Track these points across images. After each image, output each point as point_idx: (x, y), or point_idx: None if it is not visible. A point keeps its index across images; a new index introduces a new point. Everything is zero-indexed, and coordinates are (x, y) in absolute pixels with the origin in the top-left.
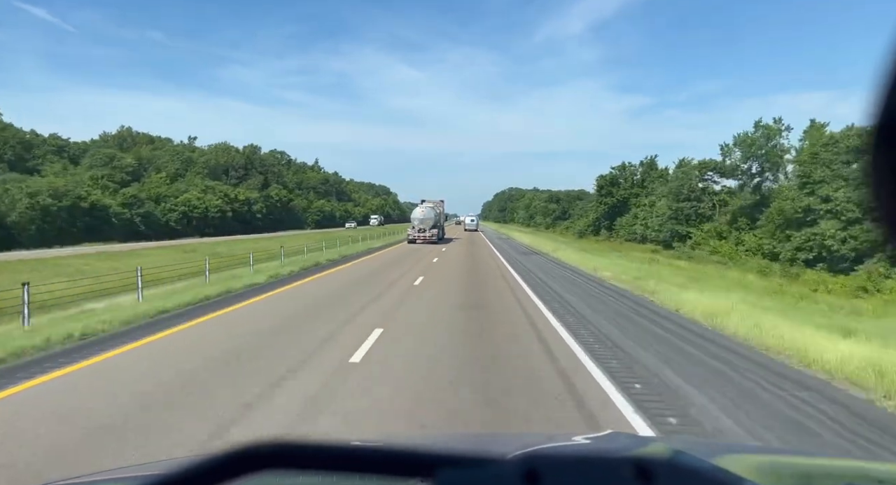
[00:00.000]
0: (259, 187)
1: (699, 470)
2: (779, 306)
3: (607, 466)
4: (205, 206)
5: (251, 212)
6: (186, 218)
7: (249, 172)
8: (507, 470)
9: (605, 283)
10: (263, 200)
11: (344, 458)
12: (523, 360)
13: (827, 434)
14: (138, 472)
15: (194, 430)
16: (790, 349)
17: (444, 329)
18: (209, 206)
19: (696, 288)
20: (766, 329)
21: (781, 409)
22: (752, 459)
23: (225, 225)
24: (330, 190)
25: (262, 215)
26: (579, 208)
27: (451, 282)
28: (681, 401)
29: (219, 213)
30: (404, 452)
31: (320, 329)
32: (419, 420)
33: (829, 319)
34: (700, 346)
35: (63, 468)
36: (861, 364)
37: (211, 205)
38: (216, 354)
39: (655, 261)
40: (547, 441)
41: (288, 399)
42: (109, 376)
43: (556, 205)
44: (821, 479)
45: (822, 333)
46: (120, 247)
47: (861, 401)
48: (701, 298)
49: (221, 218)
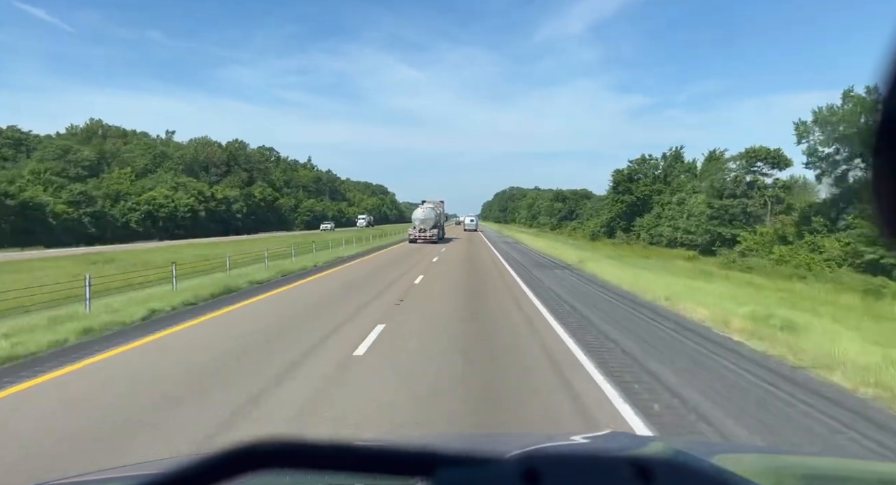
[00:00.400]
0: (241, 185)
1: (699, 470)
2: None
3: (607, 465)
4: (173, 204)
5: (230, 211)
6: (151, 218)
7: (232, 169)
8: (507, 470)
9: (730, 344)
10: (245, 198)
11: (343, 457)
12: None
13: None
14: (138, 471)
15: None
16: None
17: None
18: (179, 204)
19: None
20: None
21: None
22: (752, 459)
23: (198, 226)
24: (323, 189)
25: (243, 215)
26: (588, 208)
27: (429, 354)
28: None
29: (189, 212)
30: (404, 452)
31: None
32: None
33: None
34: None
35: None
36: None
37: (181, 203)
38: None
39: (710, 274)
40: (546, 441)
41: None
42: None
43: (562, 204)
44: (821, 479)
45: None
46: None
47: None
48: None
49: (193, 218)
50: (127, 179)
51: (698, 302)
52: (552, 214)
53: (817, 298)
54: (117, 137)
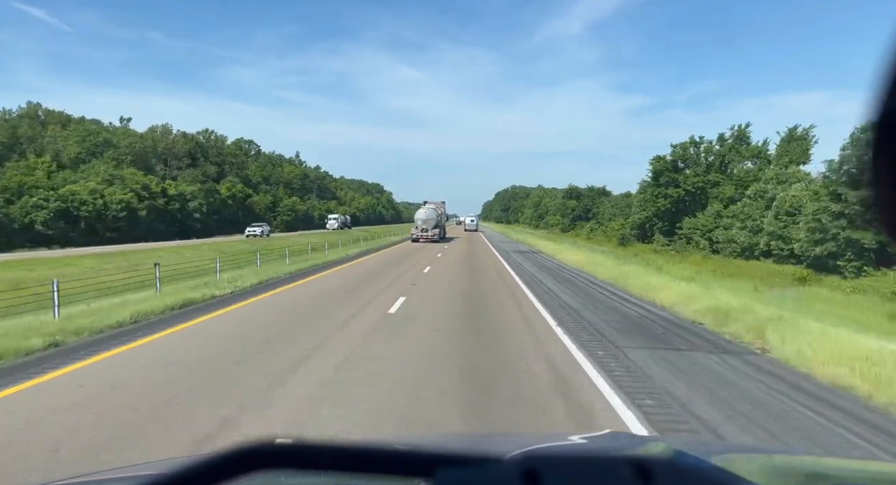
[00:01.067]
0: (205, 179)
1: (699, 470)
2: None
3: (606, 465)
4: (101, 201)
5: (186, 210)
6: (68, 218)
7: (198, 162)
8: (507, 470)
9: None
10: (206, 195)
11: (343, 458)
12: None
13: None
14: (138, 472)
15: None
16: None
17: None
18: (110, 201)
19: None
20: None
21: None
22: (752, 459)
23: (139, 227)
24: (310, 186)
25: (203, 214)
26: (608, 206)
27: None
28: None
29: (125, 211)
30: (404, 452)
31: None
32: None
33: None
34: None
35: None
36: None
37: (112, 200)
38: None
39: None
40: (546, 441)
41: None
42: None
43: (576, 201)
44: (820, 479)
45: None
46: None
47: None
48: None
49: (131, 218)
50: (43, 170)
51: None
52: (564, 214)
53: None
54: (57, 122)
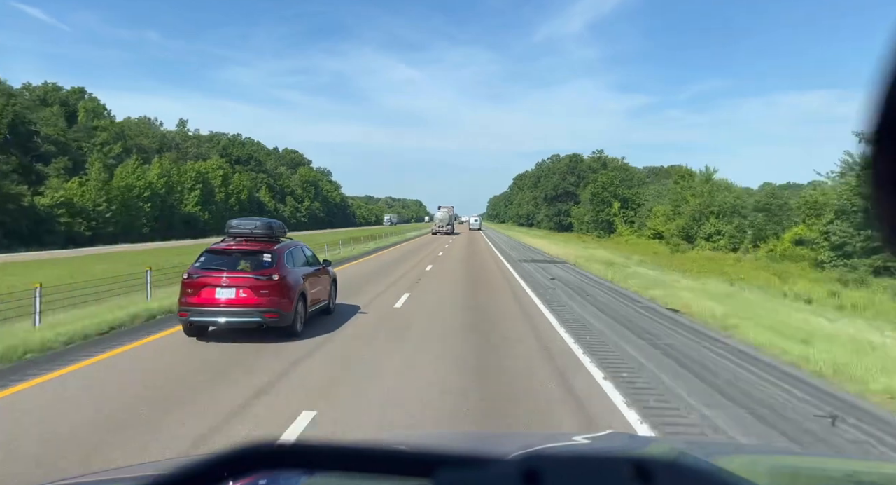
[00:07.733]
0: None
1: (699, 470)
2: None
3: (607, 466)
4: None
5: None
6: None
7: None
8: (508, 470)
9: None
10: None
11: (343, 458)
12: None
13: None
14: (138, 472)
15: None
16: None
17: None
18: None
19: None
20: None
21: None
22: (752, 459)
23: None
24: None
25: None
26: None
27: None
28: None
29: None
30: (404, 452)
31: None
32: None
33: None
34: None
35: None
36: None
37: None
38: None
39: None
40: (547, 441)
41: None
42: None
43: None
44: (820, 479)
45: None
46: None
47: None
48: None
49: None
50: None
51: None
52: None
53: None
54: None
